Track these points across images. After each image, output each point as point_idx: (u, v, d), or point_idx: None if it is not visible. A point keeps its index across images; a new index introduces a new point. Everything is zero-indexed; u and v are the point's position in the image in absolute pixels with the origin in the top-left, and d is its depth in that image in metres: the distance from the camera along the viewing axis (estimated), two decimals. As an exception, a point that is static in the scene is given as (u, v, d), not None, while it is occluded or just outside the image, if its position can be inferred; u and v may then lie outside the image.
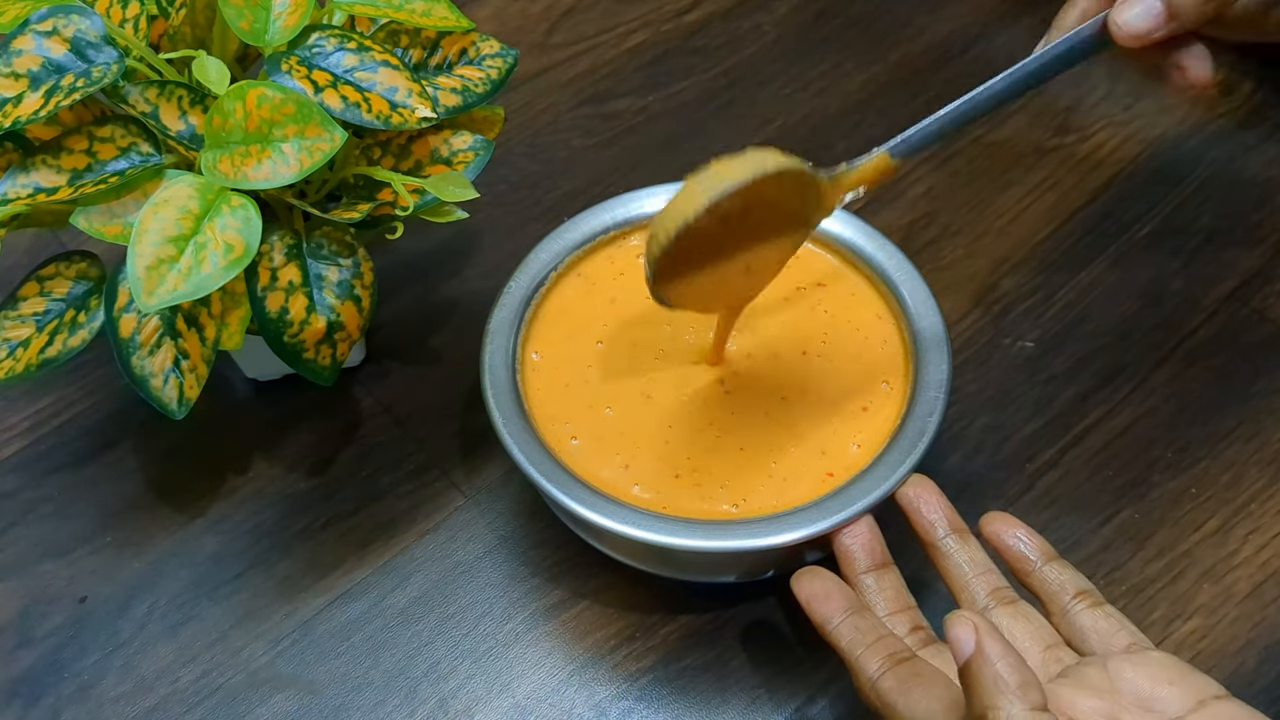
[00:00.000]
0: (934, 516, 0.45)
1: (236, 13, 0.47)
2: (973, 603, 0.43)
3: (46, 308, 0.50)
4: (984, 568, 0.44)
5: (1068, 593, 0.43)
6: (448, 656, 0.51)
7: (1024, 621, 0.43)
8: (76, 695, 0.50)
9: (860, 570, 0.45)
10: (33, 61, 0.46)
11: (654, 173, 0.67)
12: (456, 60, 0.53)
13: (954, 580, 0.44)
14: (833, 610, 0.42)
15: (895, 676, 0.39)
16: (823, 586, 0.43)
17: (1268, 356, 0.58)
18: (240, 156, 0.45)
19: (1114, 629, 0.42)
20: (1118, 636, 0.41)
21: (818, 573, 0.44)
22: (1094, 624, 0.42)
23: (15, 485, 0.56)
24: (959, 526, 0.45)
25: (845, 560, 0.45)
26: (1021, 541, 0.44)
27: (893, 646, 0.40)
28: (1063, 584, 0.43)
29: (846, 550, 0.45)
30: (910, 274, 0.53)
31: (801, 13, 0.75)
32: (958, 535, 0.45)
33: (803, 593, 0.43)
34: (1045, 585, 0.43)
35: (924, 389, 0.49)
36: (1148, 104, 0.69)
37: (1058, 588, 0.43)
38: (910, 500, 0.46)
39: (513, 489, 0.55)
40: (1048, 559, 0.44)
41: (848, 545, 0.45)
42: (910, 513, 0.45)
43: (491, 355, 0.51)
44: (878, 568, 0.45)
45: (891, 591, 0.44)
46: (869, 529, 0.45)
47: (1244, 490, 0.54)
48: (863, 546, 0.45)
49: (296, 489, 0.56)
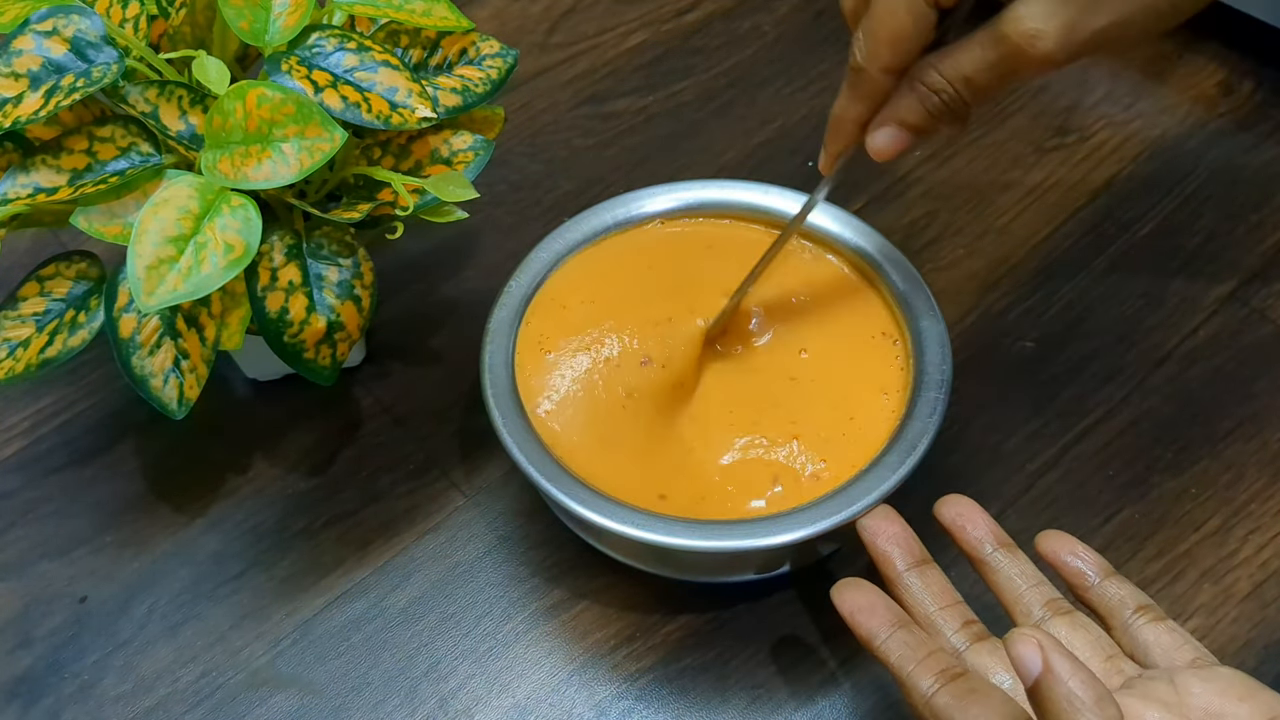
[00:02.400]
0: (979, 533, 0.44)
1: (236, 13, 0.47)
2: (1028, 615, 0.42)
3: (46, 308, 0.50)
4: (1036, 580, 0.43)
5: (1128, 607, 0.42)
6: (448, 656, 0.51)
7: (1082, 632, 0.41)
8: (76, 695, 0.50)
9: (901, 569, 0.43)
10: (33, 61, 0.46)
11: (654, 173, 0.67)
12: (456, 60, 0.53)
13: (1006, 594, 0.43)
14: (878, 625, 0.41)
15: (951, 694, 0.38)
16: (866, 599, 0.42)
17: (1268, 356, 0.58)
18: (240, 156, 0.45)
19: (1178, 643, 0.41)
20: (1182, 651, 0.41)
21: (859, 584, 0.42)
22: (1157, 638, 0.41)
23: (15, 485, 0.56)
24: (1005, 540, 0.44)
25: (883, 562, 0.44)
26: (1079, 559, 0.43)
27: (944, 662, 0.39)
28: (1123, 599, 0.42)
29: (883, 552, 0.44)
30: (910, 274, 0.53)
31: (801, 13, 0.75)
32: (1006, 549, 0.44)
33: (845, 605, 0.42)
34: (1105, 600, 0.42)
35: (924, 389, 0.49)
36: (1148, 104, 0.69)
37: (1118, 603, 0.42)
38: (953, 519, 0.44)
39: (513, 489, 0.55)
40: (1106, 575, 0.43)
41: (883, 547, 0.44)
42: (954, 531, 0.44)
43: (491, 355, 0.51)
44: (918, 564, 0.44)
45: (937, 587, 0.43)
46: (900, 526, 0.44)
47: (1244, 490, 0.54)
48: (899, 544, 0.44)
49: (296, 489, 0.56)
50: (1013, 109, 0.69)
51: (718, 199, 0.56)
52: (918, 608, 0.43)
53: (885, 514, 0.45)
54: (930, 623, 0.42)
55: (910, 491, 0.46)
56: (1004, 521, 0.53)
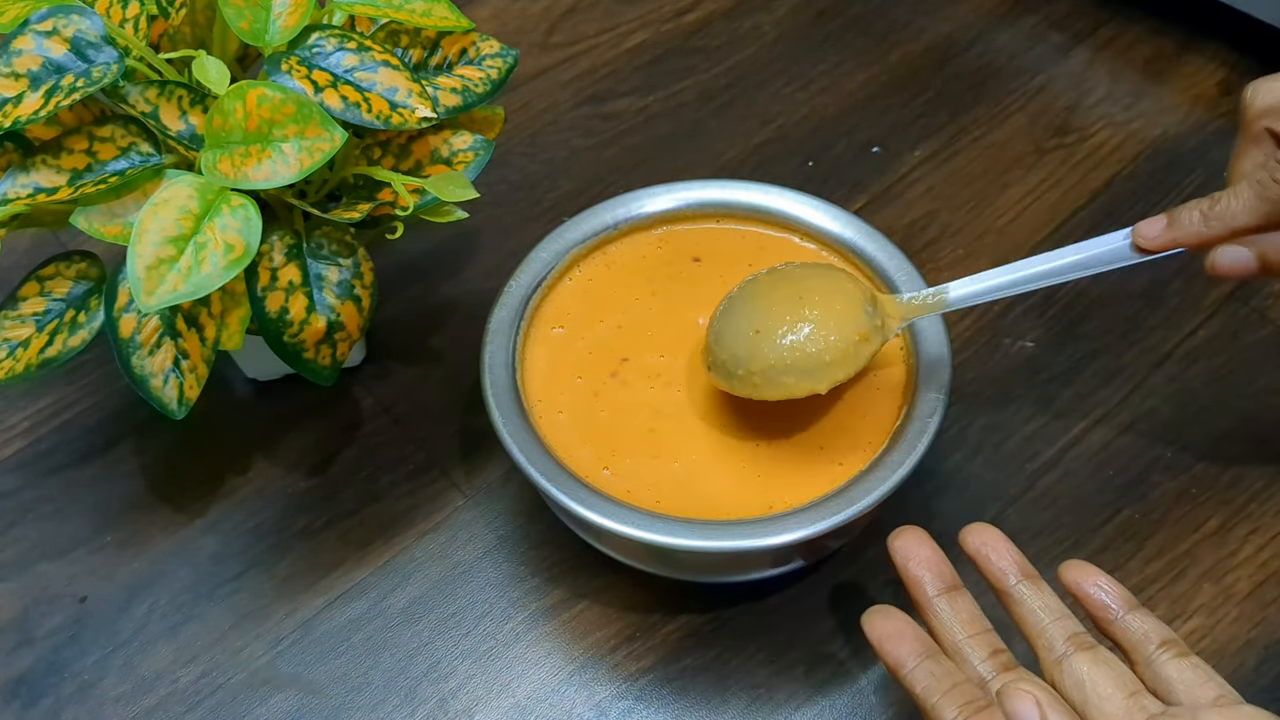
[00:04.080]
0: (1004, 564, 0.43)
1: (236, 13, 0.47)
2: (1050, 649, 0.41)
3: (46, 308, 0.50)
4: (1059, 613, 0.42)
5: (1152, 642, 0.41)
6: (448, 656, 0.51)
7: (1105, 667, 0.41)
8: (76, 695, 0.50)
9: (931, 594, 0.43)
10: (33, 61, 0.46)
11: (654, 173, 0.67)
12: (456, 60, 0.53)
13: (1029, 627, 0.42)
14: (906, 654, 0.41)
15: None
16: (895, 627, 0.42)
17: (1268, 356, 0.58)
18: (240, 156, 0.45)
19: (1201, 680, 0.40)
20: (1205, 688, 0.40)
21: (888, 611, 0.42)
22: (1180, 674, 0.40)
23: (15, 485, 0.56)
24: (1030, 572, 0.43)
25: (914, 586, 0.43)
26: (1103, 590, 0.43)
27: (969, 694, 0.39)
28: (1146, 633, 0.41)
29: (914, 576, 0.43)
30: (910, 274, 0.53)
31: (801, 13, 0.75)
32: (1030, 581, 0.43)
33: (874, 633, 0.42)
34: (1128, 634, 0.42)
35: (924, 389, 0.49)
36: (1148, 104, 0.69)
37: (1141, 637, 0.41)
38: (977, 548, 0.44)
39: (513, 489, 0.55)
40: (1130, 608, 0.42)
41: (914, 571, 0.43)
42: (979, 561, 0.44)
43: (491, 355, 0.51)
44: (949, 590, 0.43)
45: (966, 615, 0.43)
46: (932, 549, 0.44)
47: (1244, 490, 0.54)
48: (930, 569, 0.43)
49: (296, 489, 0.56)
50: (1013, 109, 0.69)
51: (718, 199, 0.56)
52: (946, 634, 0.42)
53: (918, 537, 0.44)
54: (957, 650, 0.42)
55: (910, 492, 0.46)
56: (1004, 521, 0.53)
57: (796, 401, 0.50)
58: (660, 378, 0.51)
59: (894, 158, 0.67)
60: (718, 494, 0.48)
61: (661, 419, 0.50)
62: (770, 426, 0.49)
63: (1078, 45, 0.72)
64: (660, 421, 0.50)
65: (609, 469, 0.48)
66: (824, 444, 0.49)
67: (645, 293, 0.54)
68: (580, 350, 0.52)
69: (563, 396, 0.51)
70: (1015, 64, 0.71)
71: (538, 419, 0.50)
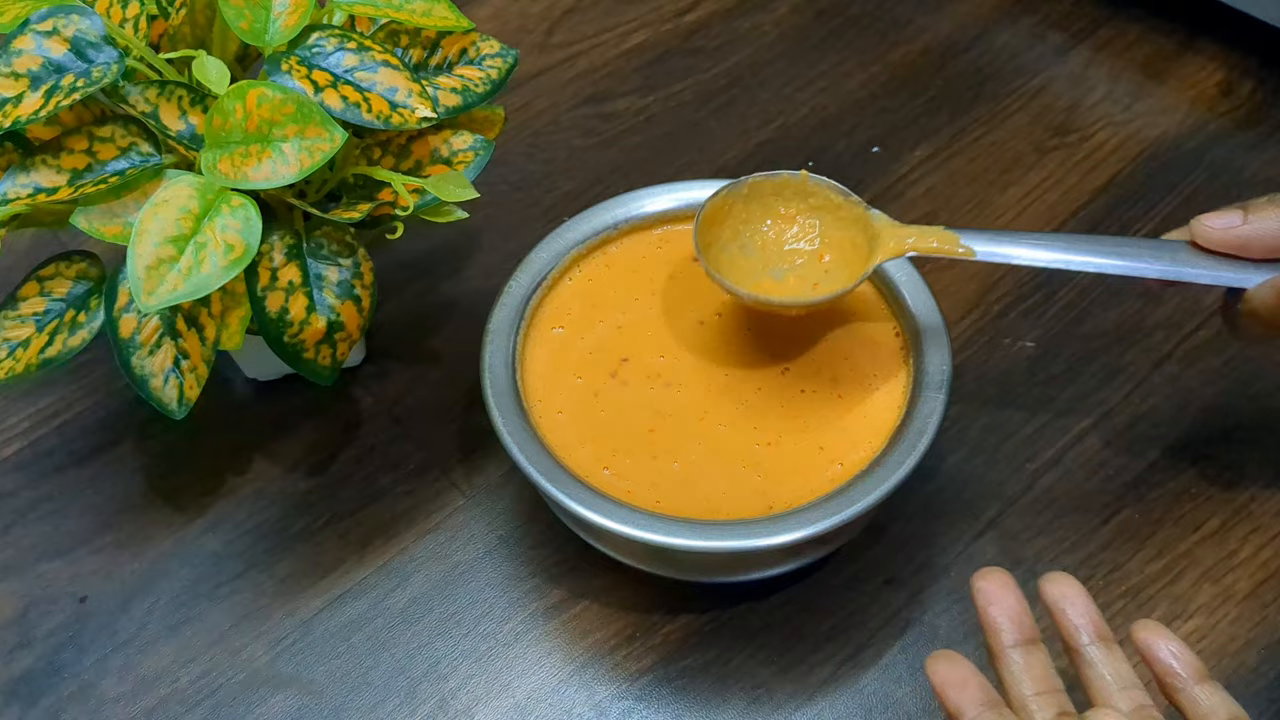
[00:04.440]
0: (1080, 620, 0.42)
1: (236, 13, 0.47)
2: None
3: (46, 308, 0.50)
4: (1128, 682, 0.41)
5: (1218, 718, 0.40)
6: (448, 656, 0.51)
7: None
8: (76, 695, 0.50)
9: (1007, 644, 0.42)
10: (33, 61, 0.46)
11: (654, 173, 0.67)
12: (456, 60, 0.53)
13: (1096, 692, 0.41)
14: (967, 702, 0.40)
15: None
16: (958, 674, 0.40)
17: (1267, 357, 0.58)
18: (240, 156, 0.45)
19: None
20: None
21: (953, 658, 0.41)
22: None
23: (15, 485, 0.56)
24: (1105, 634, 0.42)
25: (992, 632, 0.42)
26: (1174, 657, 0.41)
27: None
28: (1213, 708, 0.40)
29: (994, 622, 0.42)
30: (910, 274, 0.53)
31: (801, 13, 0.75)
32: (1103, 644, 0.42)
33: (937, 678, 0.41)
34: (1195, 707, 0.40)
35: (924, 389, 0.49)
36: (1148, 104, 0.69)
37: (1208, 711, 0.40)
38: (1055, 600, 0.43)
39: (513, 489, 0.55)
40: (1199, 679, 0.41)
41: (995, 617, 0.42)
42: (1055, 613, 0.43)
43: (491, 355, 0.51)
44: (1026, 643, 0.42)
45: (1039, 670, 0.41)
46: (1017, 600, 0.42)
47: (1244, 490, 0.54)
48: (1011, 618, 0.42)
49: (296, 489, 0.56)
50: (1013, 109, 0.69)
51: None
52: (1014, 688, 0.41)
53: (1002, 581, 0.42)
54: (1024, 706, 0.41)
55: (910, 492, 0.46)
56: (1004, 522, 0.53)
57: (797, 402, 0.50)
58: (660, 378, 0.51)
59: (894, 158, 0.67)
60: (718, 494, 0.48)
61: (661, 419, 0.50)
62: (770, 426, 0.49)
63: (1077, 45, 0.72)
64: (660, 421, 0.50)
65: (609, 469, 0.48)
66: (824, 444, 0.49)
67: (645, 293, 0.54)
68: (580, 350, 0.52)
69: (562, 396, 0.51)
70: (1015, 64, 0.71)
71: (537, 419, 0.50)
